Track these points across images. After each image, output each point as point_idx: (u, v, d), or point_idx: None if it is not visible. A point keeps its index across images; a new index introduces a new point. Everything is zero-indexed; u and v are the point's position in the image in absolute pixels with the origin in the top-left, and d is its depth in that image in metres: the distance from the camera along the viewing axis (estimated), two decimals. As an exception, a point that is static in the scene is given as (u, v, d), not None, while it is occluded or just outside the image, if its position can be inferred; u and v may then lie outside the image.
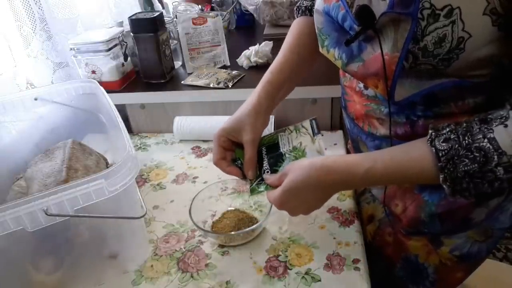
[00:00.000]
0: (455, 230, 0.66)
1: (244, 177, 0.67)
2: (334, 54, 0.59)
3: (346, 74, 0.69)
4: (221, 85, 0.98)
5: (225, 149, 0.68)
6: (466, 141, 0.46)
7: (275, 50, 1.13)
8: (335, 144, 0.93)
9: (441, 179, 0.47)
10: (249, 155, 0.66)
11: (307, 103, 0.97)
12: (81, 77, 1.03)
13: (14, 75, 0.90)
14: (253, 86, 0.71)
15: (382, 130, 0.63)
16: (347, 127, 0.75)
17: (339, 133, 0.97)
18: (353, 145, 0.76)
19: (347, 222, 0.71)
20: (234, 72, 1.06)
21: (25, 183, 0.70)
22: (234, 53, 1.14)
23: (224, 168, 0.68)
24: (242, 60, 1.10)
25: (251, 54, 1.09)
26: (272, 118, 0.94)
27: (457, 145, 0.46)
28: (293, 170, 0.58)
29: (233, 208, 0.75)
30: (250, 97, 0.70)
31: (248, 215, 0.72)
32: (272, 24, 1.43)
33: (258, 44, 1.10)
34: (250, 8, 1.40)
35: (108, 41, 0.98)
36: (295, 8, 0.79)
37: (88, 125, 0.88)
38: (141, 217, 0.61)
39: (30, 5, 0.91)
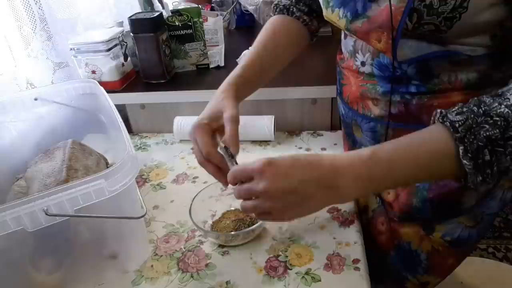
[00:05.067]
0: (446, 215, 0.67)
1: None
2: (339, 13, 0.59)
3: (344, 56, 0.70)
4: None
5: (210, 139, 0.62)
6: (482, 109, 0.43)
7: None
8: (335, 144, 0.93)
9: (461, 152, 0.42)
10: (231, 131, 0.60)
11: (307, 103, 0.97)
12: (81, 77, 1.03)
13: (14, 75, 0.90)
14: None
15: (377, 111, 0.64)
16: (341, 113, 0.76)
17: (339, 133, 0.97)
18: (346, 132, 0.76)
19: (347, 222, 0.71)
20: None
21: (25, 183, 0.70)
22: (234, 53, 1.14)
23: (214, 164, 0.61)
24: (242, 60, 1.10)
25: (251, 54, 1.09)
26: (272, 118, 0.94)
27: (472, 115, 0.43)
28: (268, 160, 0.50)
29: (233, 208, 0.75)
30: (218, 90, 0.67)
31: (248, 215, 0.72)
32: (272, 24, 1.43)
33: (258, 44, 1.10)
34: (250, 8, 1.40)
35: (108, 41, 0.98)
36: (272, 6, 0.79)
37: (88, 125, 0.88)
38: (141, 217, 0.60)
39: (30, 5, 0.91)
